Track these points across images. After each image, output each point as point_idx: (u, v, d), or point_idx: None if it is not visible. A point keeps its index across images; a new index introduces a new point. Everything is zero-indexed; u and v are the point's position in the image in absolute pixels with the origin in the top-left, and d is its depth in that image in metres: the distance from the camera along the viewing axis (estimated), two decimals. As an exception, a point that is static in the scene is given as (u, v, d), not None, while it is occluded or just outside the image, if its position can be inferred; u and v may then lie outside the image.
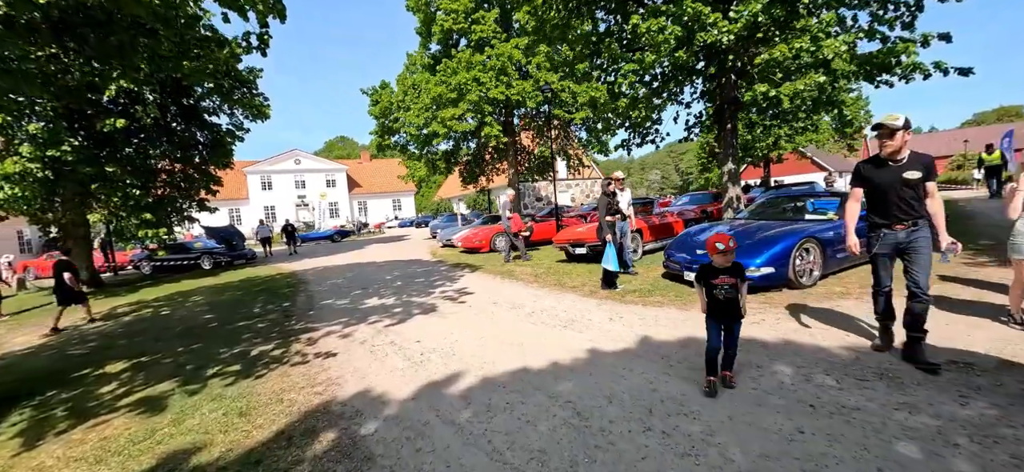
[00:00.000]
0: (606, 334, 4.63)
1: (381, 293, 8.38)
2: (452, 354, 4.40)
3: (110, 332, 7.75)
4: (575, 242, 9.71)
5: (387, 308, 6.98)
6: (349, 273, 11.92)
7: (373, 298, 7.94)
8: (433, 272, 10.66)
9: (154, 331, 7.25)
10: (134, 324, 8.18)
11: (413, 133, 17.04)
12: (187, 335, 6.61)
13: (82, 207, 12.11)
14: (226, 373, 4.58)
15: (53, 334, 8.06)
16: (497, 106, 16.73)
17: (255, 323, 6.87)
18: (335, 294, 8.79)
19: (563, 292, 7.03)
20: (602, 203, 6.92)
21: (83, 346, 6.92)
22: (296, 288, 10.05)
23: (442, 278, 9.54)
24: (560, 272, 8.83)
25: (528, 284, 8.03)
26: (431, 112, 16.61)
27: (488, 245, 13.81)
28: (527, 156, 22.70)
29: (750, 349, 3.77)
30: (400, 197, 52.09)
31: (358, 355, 4.71)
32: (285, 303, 8.36)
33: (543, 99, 17.05)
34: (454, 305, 6.74)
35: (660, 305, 5.63)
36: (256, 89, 16.25)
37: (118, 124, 11.83)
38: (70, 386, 4.86)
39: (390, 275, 10.76)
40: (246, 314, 7.66)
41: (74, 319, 9.23)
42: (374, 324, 6.00)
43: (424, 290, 8.27)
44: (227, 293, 10.50)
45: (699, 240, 6.78)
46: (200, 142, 15.99)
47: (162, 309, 9.36)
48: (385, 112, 18.97)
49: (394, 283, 9.50)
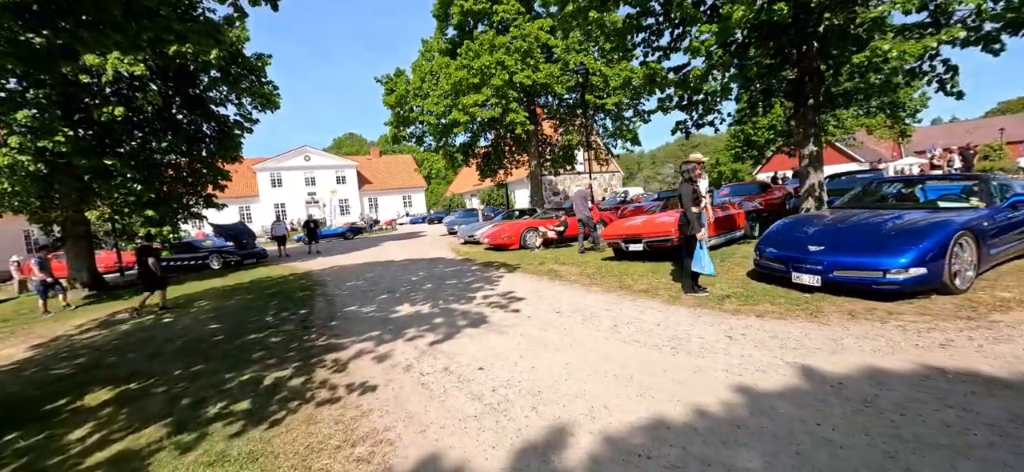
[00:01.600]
0: (742, 361, 3.41)
1: (412, 298, 7.23)
2: (537, 392, 3.22)
3: (103, 344, 6.70)
4: (630, 237, 8.48)
5: (425, 318, 5.81)
6: (369, 273, 10.80)
7: (404, 304, 6.78)
8: (464, 272, 9.50)
9: (151, 345, 6.17)
10: (132, 334, 7.12)
11: (432, 122, 15.83)
12: (188, 352, 5.50)
13: (80, 203, 11.13)
14: (232, 414, 3.45)
15: (136, 315, 8.62)
16: (522, 92, 15.47)
17: (268, 337, 5.74)
18: (358, 299, 7.66)
19: (635, 297, 5.82)
20: (685, 192, 5.67)
21: (70, 363, 5.87)
22: (313, 291, 8.95)
23: (478, 280, 8.37)
24: (614, 272, 7.61)
25: (585, 286, 6.83)
26: (451, 99, 15.41)
27: (518, 241, 12.61)
28: (547, 147, 21.44)
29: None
30: (410, 193, 51.12)
31: (406, 389, 3.54)
32: (302, 310, 7.25)
33: (575, 82, 15.73)
34: (507, 315, 5.55)
35: (782, 317, 4.39)
36: (264, 76, 15.18)
37: (117, 113, 10.83)
38: (36, 426, 3.76)
39: (416, 276, 9.62)
40: (257, 324, 6.55)
41: (68, 327, 8.24)
42: (414, 341, 4.84)
43: (462, 294, 7.10)
44: (236, 296, 9.43)
45: (810, 234, 5.51)
46: (206, 134, 14.97)
47: (164, 317, 8.30)
48: (400, 101, 17.80)
49: (423, 285, 8.35)
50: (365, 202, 47.76)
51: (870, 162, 38.38)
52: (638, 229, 8.48)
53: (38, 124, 9.66)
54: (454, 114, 15.31)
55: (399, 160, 56.31)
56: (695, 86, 8.53)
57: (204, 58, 11.96)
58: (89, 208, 11.11)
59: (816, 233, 5.53)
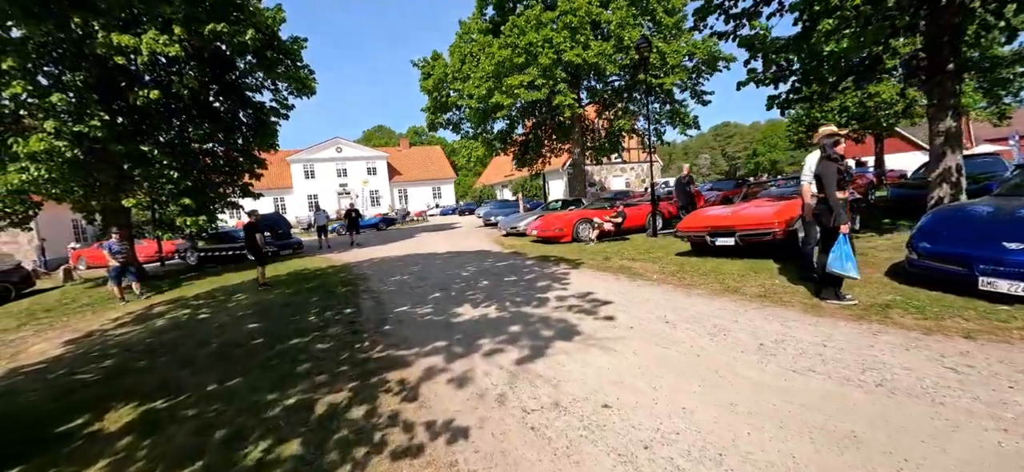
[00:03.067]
0: (1006, 410, 2.26)
1: (471, 298, 6.28)
2: (718, 457, 2.17)
3: (136, 343, 6.08)
4: (718, 229, 7.27)
5: (496, 325, 4.84)
6: (413, 267, 9.97)
7: (464, 306, 5.84)
8: (520, 268, 8.51)
9: (185, 347, 5.46)
10: (166, 332, 6.49)
11: (473, 106, 14.84)
12: (223, 358, 4.73)
13: (117, 191, 10.75)
14: (280, 461, 2.56)
15: (263, 288, 9.05)
16: (568, 73, 14.26)
17: (313, 342, 4.91)
18: (409, 297, 6.78)
19: (757, 304, 4.67)
20: (827, 172, 4.44)
21: (98, 366, 5.22)
22: (355, 287, 8.16)
23: (541, 277, 7.36)
24: (703, 269, 6.46)
25: (680, 288, 5.71)
26: (493, 82, 14.38)
27: (570, 234, 11.53)
28: (589, 134, 20.13)
29: None
30: (440, 185, 50.74)
31: (511, 436, 2.56)
32: (347, 309, 6.42)
33: (630, 60, 14.36)
34: (601, 324, 4.51)
35: (998, 339, 3.18)
36: (300, 60, 14.56)
37: (152, 95, 10.32)
38: (42, 454, 3.00)
39: (465, 270, 8.70)
40: (300, 325, 5.76)
41: (103, 321, 7.73)
42: (494, 356, 3.87)
43: (529, 295, 6.10)
44: (275, 290, 8.77)
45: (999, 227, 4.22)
46: (243, 122, 14.52)
47: (201, 311, 7.69)
48: (438, 85, 16.90)
49: (478, 282, 7.41)
50: (395, 193, 47.66)
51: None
52: (728, 220, 7.25)
53: (73, 108, 9.22)
54: (497, 97, 14.27)
55: (429, 151, 56.00)
56: (812, 49, 7.15)
57: (239, 39, 11.34)
58: (127, 196, 10.71)
59: (1008, 225, 4.23)
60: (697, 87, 15.69)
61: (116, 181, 10.85)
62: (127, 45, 9.72)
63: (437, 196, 50.14)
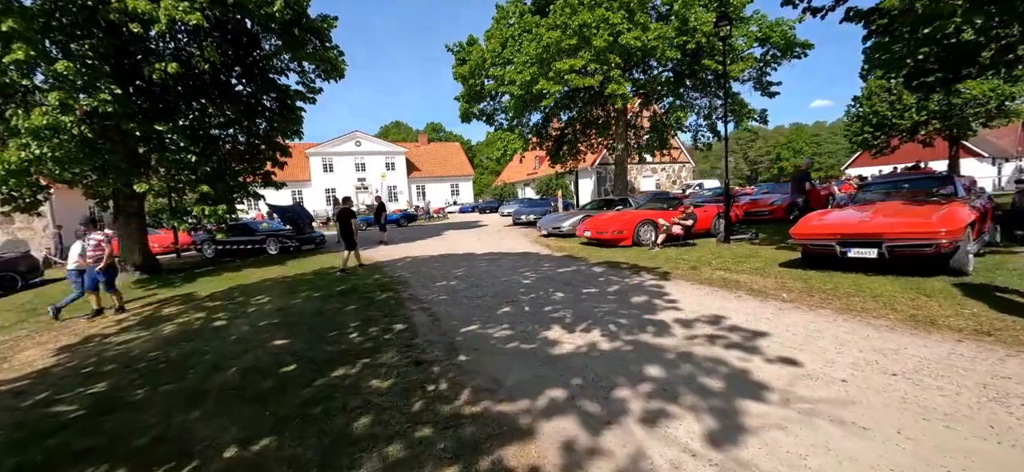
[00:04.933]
0: None
1: (553, 316, 4.95)
2: None
3: (138, 357, 4.88)
4: (853, 238, 5.81)
5: (617, 362, 3.50)
6: (456, 270, 8.68)
7: (553, 328, 4.49)
8: (589, 275, 7.15)
9: (196, 370, 4.22)
10: (174, 343, 5.28)
11: (515, 93, 13.49)
12: (245, 396, 3.46)
13: (129, 174, 9.68)
14: None
15: (347, 273, 9.06)
16: (625, 56, 12.80)
17: (365, 376, 3.62)
18: (470, 310, 5.47)
19: (991, 343, 3.24)
20: None
21: (85, 391, 4.02)
22: (397, 293, 6.89)
23: (628, 289, 5.99)
24: (847, 288, 5.03)
25: (839, 313, 4.28)
26: (538, 66, 13.01)
27: (631, 236, 10.12)
28: (631, 129, 18.63)
29: None
30: (458, 182, 49.71)
31: None
32: (396, 323, 5.13)
33: (700, 43, 12.86)
34: (784, 372, 3.13)
35: None
36: (329, 40, 13.41)
37: (170, 69, 9.20)
38: None
39: (524, 277, 7.37)
40: (341, 345, 4.49)
41: (108, 323, 6.54)
42: (660, 426, 2.52)
43: (633, 315, 4.74)
44: (302, 293, 7.55)
45: None
46: (266, 107, 13.43)
47: (216, 316, 6.49)
48: (474, 72, 15.60)
49: (548, 293, 6.06)
50: (413, 189, 46.71)
51: (992, 156, 32.82)
52: (868, 227, 5.78)
53: (82, 79, 8.13)
54: (542, 83, 12.90)
55: (447, 148, 55.03)
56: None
57: (267, 9, 10.20)
58: (139, 181, 9.64)
59: None
60: (764, 78, 14.11)
61: (128, 164, 9.77)
62: (143, 11, 8.62)
63: (455, 193, 49.09)
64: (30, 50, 7.71)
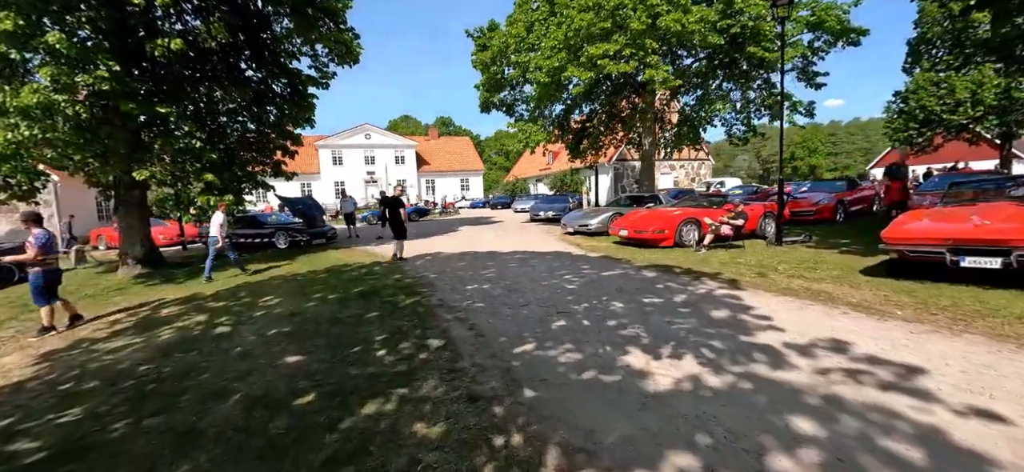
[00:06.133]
0: None
1: (625, 335, 4.08)
2: None
3: (126, 371, 4.10)
4: (969, 244, 4.87)
5: (736, 402, 2.64)
6: (484, 271, 7.82)
7: (632, 352, 3.62)
8: (642, 281, 6.26)
9: (191, 395, 3.42)
10: (170, 353, 4.50)
11: (541, 81, 12.56)
12: (251, 442, 2.64)
13: (130, 160, 8.93)
14: None
15: (397, 260, 9.20)
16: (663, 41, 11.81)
17: (407, 420, 2.78)
18: (515, 322, 4.62)
19: None
20: None
21: (55, 420, 3.23)
22: (423, 297, 6.05)
23: (699, 300, 5.10)
24: (956, 303, 4.09)
25: (993, 339, 3.38)
26: (566, 52, 12.08)
27: (673, 236, 9.21)
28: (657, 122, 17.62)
29: None
30: (468, 176, 48.96)
31: None
32: (431, 338, 4.29)
33: (747, 26, 11.85)
34: (997, 432, 2.24)
35: None
36: (344, 22, 12.58)
37: (174, 45, 8.43)
38: None
39: (567, 282, 6.49)
40: (367, 365, 3.65)
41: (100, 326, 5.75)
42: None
43: (727, 337, 3.86)
44: (315, 294, 6.75)
45: None
46: (277, 92, 12.66)
47: (219, 320, 5.70)
48: (496, 59, 14.68)
49: (604, 302, 5.19)
50: (422, 184, 46.02)
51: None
52: (993, 233, 4.84)
53: (75, 52, 7.36)
54: (571, 70, 11.97)
55: (457, 142, 54.25)
56: None
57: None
58: (140, 168, 8.88)
59: None
60: (810, 68, 13.05)
61: (128, 149, 9.02)
62: (143, -22, 7.84)
63: (465, 188, 48.33)
64: (19, 20, 6.95)
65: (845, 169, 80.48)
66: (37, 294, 5.70)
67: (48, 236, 5.78)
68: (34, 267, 5.64)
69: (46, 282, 5.69)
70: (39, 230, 5.73)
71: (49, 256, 5.75)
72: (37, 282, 5.64)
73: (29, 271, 5.70)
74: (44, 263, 5.67)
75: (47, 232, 5.82)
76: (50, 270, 5.76)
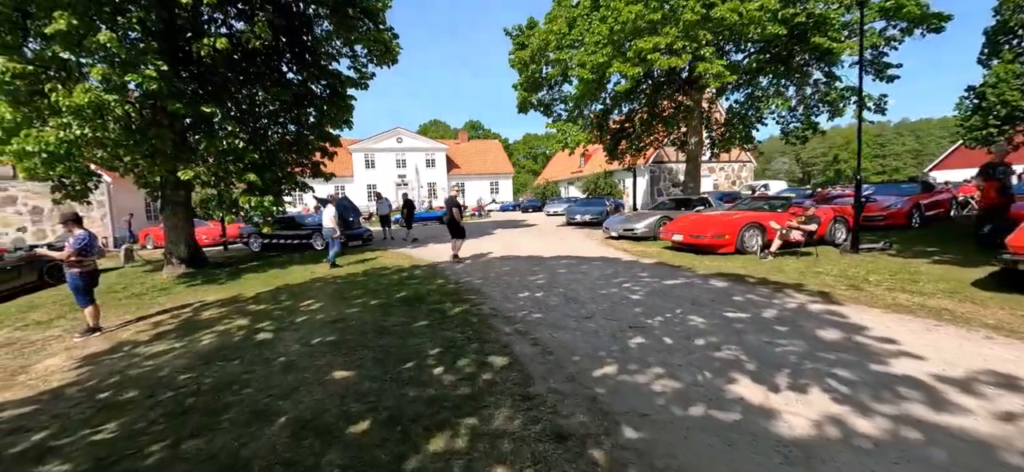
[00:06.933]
0: None
1: (715, 355, 3.47)
2: None
3: (166, 379, 3.81)
4: None
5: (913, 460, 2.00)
6: (532, 277, 7.31)
7: (739, 380, 3.02)
8: (716, 293, 5.60)
9: (233, 413, 3.05)
10: (211, 361, 4.21)
11: (586, 77, 11.99)
12: (304, 482, 2.22)
13: (175, 160, 8.95)
14: None
15: (456, 260, 9.35)
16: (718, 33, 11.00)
17: (485, 464, 2.29)
18: (583, 337, 4.08)
19: None
20: None
21: (82, 441, 2.93)
22: (472, 305, 5.60)
23: (801, 318, 4.42)
24: None
25: None
26: (611, 47, 11.47)
27: (735, 242, 8.45)
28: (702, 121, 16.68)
29: None
30: (498, 179, 48.67)
31: None
32: (493, 354, 3.81)
33: (812, 13, 10.93)
34: None
35: None
36: (383, 22, 12.42)
37: (219, 45, 8.38)
38: None
39: (630, 292, 5.90)
40: (427, 387, 3.21)
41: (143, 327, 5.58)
42: None
43: (854, 364, 3.21)
44: (356, 299, 6.42)
45: None
46: (316, 95, 12.62)
47: (260, 325, 5.43)
48: (535, 57, 14.20)
49: (681, 317, 4.58)
50: (452, 186, 46.08)
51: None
52: None
53: (124, 51, 7.36)
54: (617, 65, 11.35)
55: (487, 145, 54.23)
56: None
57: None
58: (185, 168, 8.89)
59: None
60: (881, 59, 11.93)
61: (174, 149, 9.04)
62: (190, -23, 7.79)
63: (494, 191, 48.08)
64: (73, 19, 6.98)
65: (894, 172, 75.79)
66: (77, 294, 5.60)
67: (88, 236, 5.67)
68: (71, 267, 5.53)
69: (84, 283, 5.56)
70: (80, 231, 5.63)
71: (87, 258, 5.62)
72: (75, 283, 5.53)
73: (67, 271, 5.59)
74: (81, 264, 5.54)
75: (87, 233, 5.71)
76: (87, 271, 5.63)
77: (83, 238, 5.60)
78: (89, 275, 5.69)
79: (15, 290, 9.49)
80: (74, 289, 5.59)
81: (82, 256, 5.55)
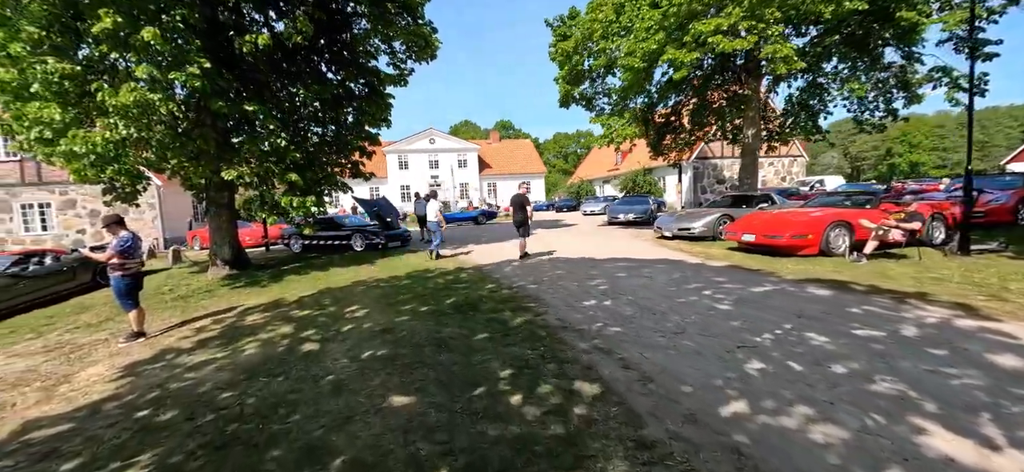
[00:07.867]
0: None
1: (867, 389, 2.71)
2: None
3: (207, 397, 3.41)
4: None
5: None
6: (591, 283, 6.63)
7: (932, 430, 2.28)
8: (821, 303, 4.75)
9: (280, 449, 2.56)
10: (254, 375, 3.79)
11: (636, 66, 11.18)
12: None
13: (219, 160, 8.83)
14: None
15: (523, 259, 9.42)
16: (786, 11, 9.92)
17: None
18: (682, 359, 3.39)
19: None
20: None
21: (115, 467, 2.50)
22: (534, 315, 4.99)
23: (958, 339, 3.57)
24: None
25: None
26: (667, 34, 10.60)
27: (819, 242, 7.47)
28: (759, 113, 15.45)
29: None
30: (530, 179, 47.98)
31: None
32: (578, 378, 3.18)
33: None
34: None
35: None
36: (422, 17, 12.04)
37: (260, 41, 8.15)
38: None
39: (715, 301, 5.13)
40: (509, 423, 2.62)
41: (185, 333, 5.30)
42: None
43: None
44: (404, 304, 5.94)
45: None
46: (355, 93, 12.40)
47: (305, 333, 5.02)
48: (578, 48, 13.48)
49: (797, 335, 3.81)
50: (484, 186, 45.85)
51: None
52: None
53: (170, 51, 7.20)
54: (671, 52, 10.48)
55: (518, 145, 53.76)
56: None
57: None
58: (228, 168, 8.75)
59: None
60: (976, 34, 10.51)
61: (217, 150, 8.91)
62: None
63: (526, 191, 47.53)
64: (117, 17, 6.86)
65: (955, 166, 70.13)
66: (120, 297, 5.36)
67: (131, 238, 5.42)
68: (115, 270, 5.29)
69: (127, 286, 5.32)
70: (125, 232, 5.39)
71: (130, 260, 5.38)
72: (118, 286, 5.29)
73: (110, 274, 5.36)
74: (123, 267, 5.30)
75: (131, 235, 5.47)
76: (130, 273, 5.39)
77: (126, 240, 5.36)
78: (132, 278, 5.45)
79: (70, 291, 9.68)
80: (117, 293, 5.36)
81: (125, 258, 5.31)
